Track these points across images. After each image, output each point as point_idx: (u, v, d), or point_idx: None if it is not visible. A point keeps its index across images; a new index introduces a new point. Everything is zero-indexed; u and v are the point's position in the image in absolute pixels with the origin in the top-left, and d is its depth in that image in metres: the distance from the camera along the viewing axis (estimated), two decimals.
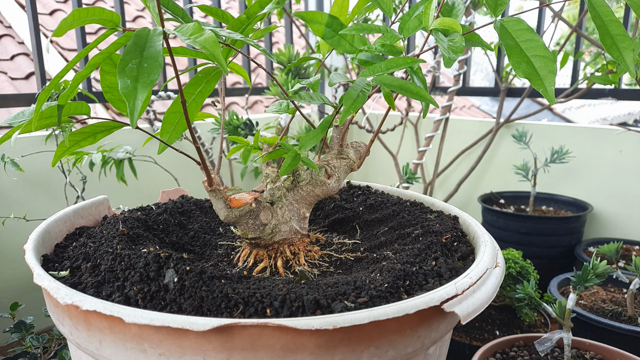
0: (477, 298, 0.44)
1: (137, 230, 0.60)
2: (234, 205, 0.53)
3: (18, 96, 1.39)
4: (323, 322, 0.38)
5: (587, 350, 0.93)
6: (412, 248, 0.55)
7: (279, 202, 0.57)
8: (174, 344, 0.39)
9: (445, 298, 0.42)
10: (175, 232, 0.66)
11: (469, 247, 0.57)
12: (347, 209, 0.73)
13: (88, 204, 0.69)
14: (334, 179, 0.57)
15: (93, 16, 0.42)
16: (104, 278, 0.48)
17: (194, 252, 0.62)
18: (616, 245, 1.11)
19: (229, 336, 0.38)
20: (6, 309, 0.88)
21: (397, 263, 0.51)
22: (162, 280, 0.47)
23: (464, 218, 0.64)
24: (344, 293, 0.44)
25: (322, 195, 0.58)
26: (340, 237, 0.66)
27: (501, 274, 0.49)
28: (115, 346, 0.41)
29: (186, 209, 0.74)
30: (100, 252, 0.52)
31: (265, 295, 0.44)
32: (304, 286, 0.46)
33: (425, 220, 0.64)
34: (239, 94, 1.94)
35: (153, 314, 0.39)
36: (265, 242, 0.57)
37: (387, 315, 0.39)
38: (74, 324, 0.44)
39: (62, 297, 0.42)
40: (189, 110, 0.49)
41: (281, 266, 0.55)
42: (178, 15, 0.49)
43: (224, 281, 0.47)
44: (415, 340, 0.43)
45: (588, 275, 0.82)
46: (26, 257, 0.51)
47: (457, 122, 1.92)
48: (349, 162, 0.59)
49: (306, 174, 0.58)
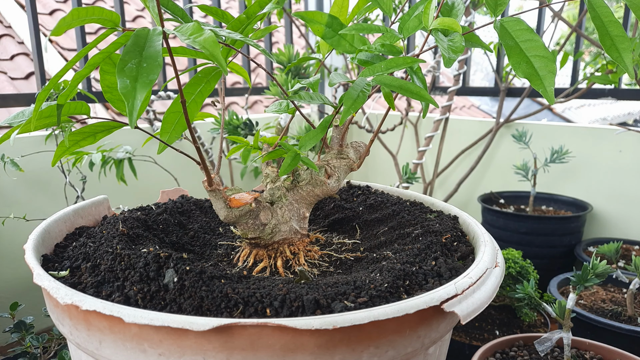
0: (477, 298, 0.44)
1: (137, 230, 0.60)
2: (233, 205, 0.53)
3: (18, 96, 1.39)
4: (323, 322, 0.38)
5: (586, 350, 0.93)
6: (412, 248, 0.55)
7: (279, 202, 0.57)
8: (174, 344, 0.39)
9: (445, 298, 0.42)
10: (175, 232, 0.66)
11: (469, 247, 0.57)
12: (347, 209, 0.73)
13: (88, 204, 0.69)
14: (334, 178, 0.57)
15: (92, 15, 0.42)
16: (104, 278, 0.48)
17: (193, 252, 0.62)
18: (616, 245, 1.11)
19: (228, 336, 0.38)
20: (6, 309, 0.88)
21: (396, 263, 0.51)
22: (162, 280, 0.47)
23: (464, 218, 0.64)
24: (343, 293, 0.44)
25: (322, 195, 0.58)
26: (340, 237, 0.66)
27: (501, 273, 0.49)
28: (115, 346, 0.41)
29: (186, 208, 0.74)
30: (100, 252, 0.52)
31: (265, 295, 0.44)
32: (304, 286, 0.46)
33: (425, 220, 0.64)
34: (239, 94, 1.94)
35: (153, 313, 0.39)
36: (265, 242, 0.57)
37: (387, 315, 0.39)
38: (73, 323, 0.44)
39: (62, 297, 0.42)
40: (188, 110, 0.49)
41: (281, 266, 0.55)
42: (178, 15, 0.49)
43: (223, 281, 0.47)
44: (415, 340, 0.43)
45: (588, 275, 0.82)
46: (26, 257, 0.51)
47: (457, 122, 1.92)
48: (349, 162, 0.58)
49: (306, 173, 0.58)
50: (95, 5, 0.43)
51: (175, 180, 1.52)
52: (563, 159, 1.58)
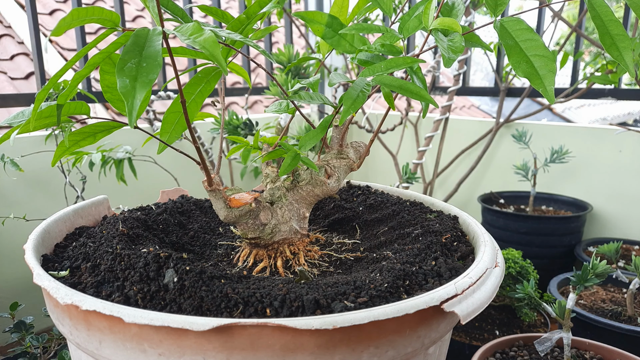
0: (477, 298, 0.44)
1: (137, 230, 0.60)
2: (233, 205, 0.53)
3: (18, 96, 1.39)
4: (323, 322, 0.38)
5: (586, 350, 0.93)
6: (412, 248, 0.55)
7: (279, 202, 0.57)
8: (174, 344, 0.39)
9: (445, 298, 0.42)
10: (175, 232, 0.65)
11: (469, 246, 0.57)
12: (347, 209, 0.73)
13: (88, 204, 0.69)
14: (334, 178, 0.57)
15: (92, 16, 0.42)
16: (104, 278, 0.48)
17: (193, 252, 0.62)
18: (616, 245, 1.11)
19: (228, 336, 0.38)
20: (6, 309, 0.88)
21: (396, 263, 0.51)
22: (162, 280, 0.47)
23: (464, 218, 0.64)
24: (343, 293, 0.44)
25: (321, 195, 0.58)
26: (340, 237, 0.66)
27: (501, 273, 0.49)
28: (115, 346, 0.41)
29: (186, 208, 0.74)
30: (100, 252, 0.52)
31: (265, 295, 0.44)
32: (304, 286, 0.46)
33: (425, 220, 0.64)
34: (239, 94, 1.94)
35: (153, 313, 0.39)
36: (265, 242, 0.57)
37: (387, 315, 0.39)
38: (73, 323, 0.44)
39: (62, 297, 0.42)
40: (188, 110, 0.49)
41: (281, 266, 0.55)
42: (178, 15, 0.49)
43: (223, 281, 0.47)
44: (415, 340, 0.43)
45: (588, 275, 0.82)
46: (26, 256, 0.51)
47: (457, 122, 1.92)
48: (349, 162, 0.58)
49: (306, 173, 0.58)
50: (95, 6, 0.43)
51: (175, 180, 1.52)
52: (563, 159, 1.58)
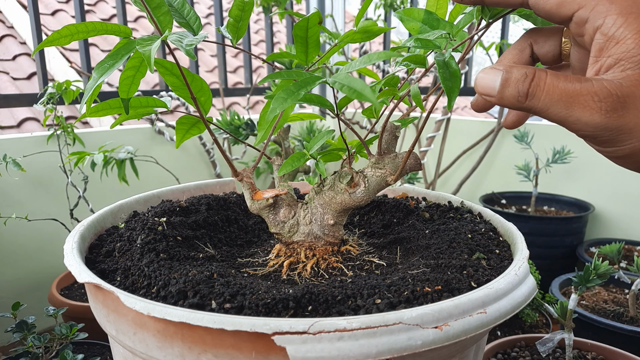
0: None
1: (183, 230, 0.59)
2: (255, 197, 0.54)
3: (20, 96, 1.39)
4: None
5: (588, 350, 0.93)
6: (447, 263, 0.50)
7: (309, 203, 0.56)
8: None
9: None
10: (224, 230, 0.65)
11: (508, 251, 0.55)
12: (418, 229, 0.63)
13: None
14: (361, 189, 0.54)
15: (101, 29, 0.42)
16: (154, 285, 0.46)
17: (242, 246, 0.63)
18: (618, 245, 1.11)
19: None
20: (8, 309, 0.88)
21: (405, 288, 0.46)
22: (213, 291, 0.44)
23: (508, 227, 0.60)
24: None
25: (344, 203, 0.55)
26: (375, 256, 0.59)
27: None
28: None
29: (231, 201, 0.71)
30: (144, 259, 0.50)
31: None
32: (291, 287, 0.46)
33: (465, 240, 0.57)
34: (241, 94, 1.94)
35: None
36: (285, 239, 0.56)
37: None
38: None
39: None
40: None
41: (286, 266, 0.54)
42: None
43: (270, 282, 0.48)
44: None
45: (590, 275, 0.82)
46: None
47: (458, 122, 1.92)
48: (384, 173, 0.55)
49: (330, 179, 0.56)
50: (104, 22, 0.43)
51: (177, 180, 1.52)
52: (565, 159, 1.58)
